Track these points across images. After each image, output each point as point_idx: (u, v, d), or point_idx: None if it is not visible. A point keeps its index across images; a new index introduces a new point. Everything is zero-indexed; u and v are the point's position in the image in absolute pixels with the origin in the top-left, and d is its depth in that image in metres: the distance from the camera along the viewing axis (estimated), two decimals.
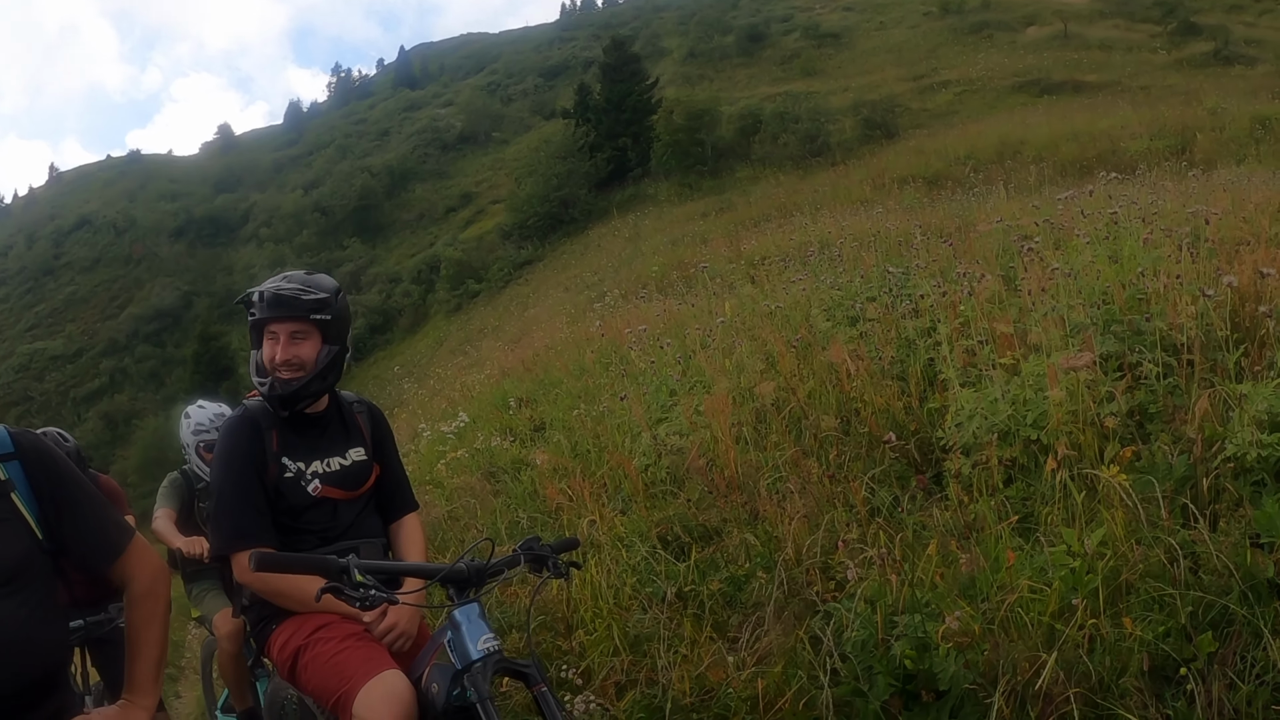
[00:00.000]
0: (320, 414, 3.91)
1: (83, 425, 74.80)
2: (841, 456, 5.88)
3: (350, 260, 76.22)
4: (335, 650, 3.40)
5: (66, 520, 2.77)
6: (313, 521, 3.75)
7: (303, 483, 3.73)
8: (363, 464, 3.93)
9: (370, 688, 3.17)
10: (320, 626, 3.50)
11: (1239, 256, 6.43)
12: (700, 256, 21.72)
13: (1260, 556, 3.45)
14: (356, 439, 3.98)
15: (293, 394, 3.71)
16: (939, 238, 11.39)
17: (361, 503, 3.93)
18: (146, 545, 2.99)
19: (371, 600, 2.88)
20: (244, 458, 3.69)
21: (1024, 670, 3.38)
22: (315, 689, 3.44)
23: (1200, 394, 4.45)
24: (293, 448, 3.77)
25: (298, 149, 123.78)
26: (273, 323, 3.69)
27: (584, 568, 5.30)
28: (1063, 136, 32.57)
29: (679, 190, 49.14)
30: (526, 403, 12.84)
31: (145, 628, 2.94)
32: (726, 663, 4.14)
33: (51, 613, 2.72)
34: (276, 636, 3.63)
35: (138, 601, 2.93)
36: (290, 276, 3.76)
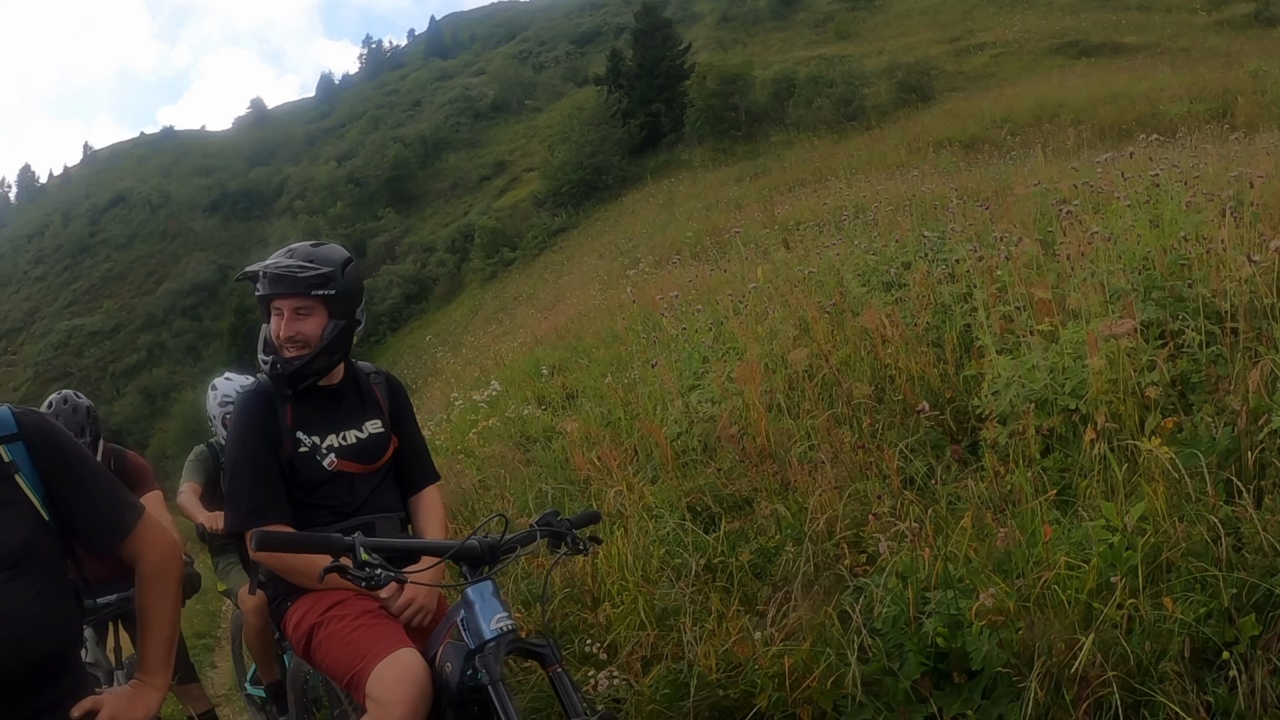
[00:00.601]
0: (335, 386, 3.83)
1: (121, 400, 75.75)
2: (875, 425, 5.77)
3: (385, 230, 76.43)
4: (349, 628, 3.35)
5: (73, 501, 2.72)
6: (328, 496, 3.68)
7: (318, 457, 3.66)
8: (380, 436, 3.85)
9: (384, 666, 3.12)
10: (334, 604, 3.44)
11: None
12: (734, 222, 21.53)
13: None
14: (373, 411, 3.90)
15: (295, 372, 3.64)
16: (975, 202, 11.22)
17: (379, 476, 3.85)
18: (157, 524, 2.94)
19: (376, 580, 2.80)
20: (257, 433, 3.63)
21: (1060, 652, 3.26)
22: (330, 667, 3.39)
23: (1248, 365, 4.30)
24: (308, 421, 3.70)
25: (330, 121, 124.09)
26: (277, 299, 3.61)
27: (611, 540, 5.24)
28: (1101, 99, 32.07)
29: (713, 156, 48.91)
30: (558, 370, 12.81)
31: (156, 607, 2.91)
32: (753, 639, 4.04)
33: (59, 595, 2.68)
34: (291, 614, 3.58)
35: (148, 581, 2.90)
36: (294, 250, 3.65)
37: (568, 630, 5.16)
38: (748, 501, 5.60)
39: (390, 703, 3.04)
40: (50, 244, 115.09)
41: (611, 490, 5.89)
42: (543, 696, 4.36)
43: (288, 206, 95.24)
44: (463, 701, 2.98)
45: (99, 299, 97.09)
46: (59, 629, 2.65)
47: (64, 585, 2.72)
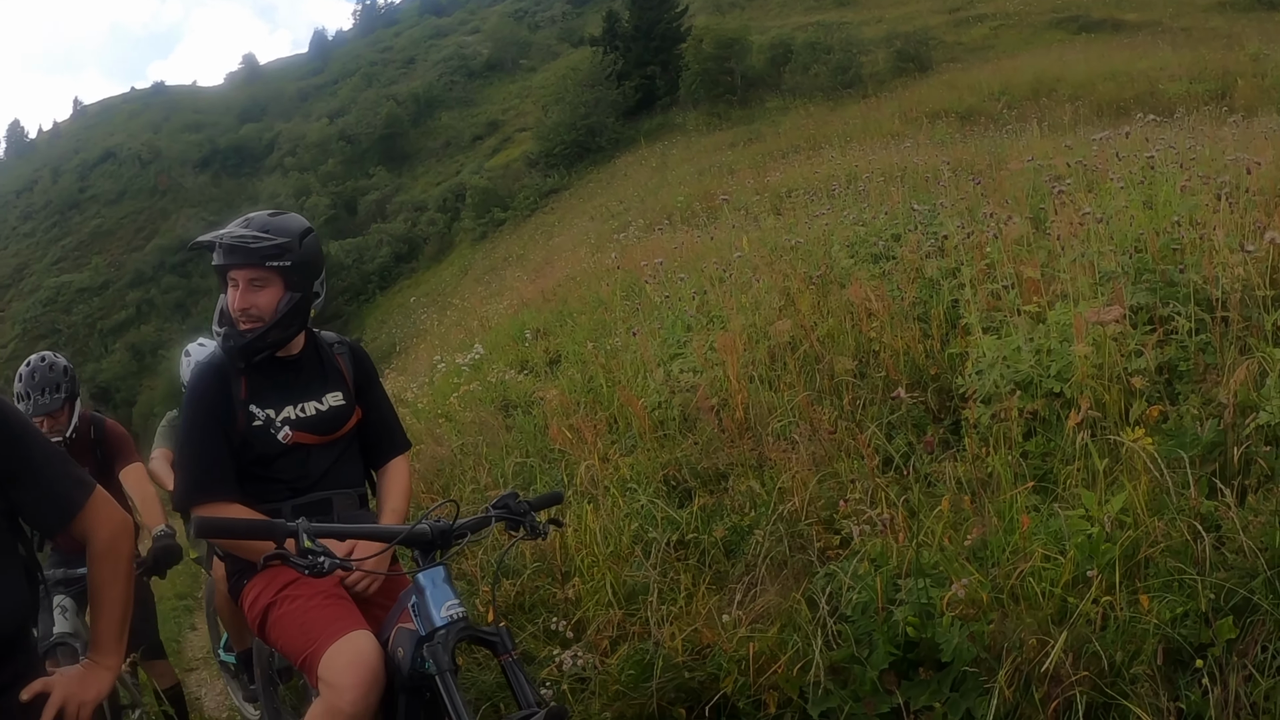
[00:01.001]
0: (294, 357, 3.70)
1: (110, 357, 75.54)
2: (856, 401, 5.68)
3: (376, 188, 75.98)
4: (302, 609, 3.25)
5: (21, 481, 2.64)
6: (284, 470, 3.57)
7: (272, 430, 3.54)
8: (340, 409, 3.73)
9: (336, 649, 3.04)
10: (289, 583, 3.33)
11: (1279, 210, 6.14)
12: (726, 187, 21.42)
13: None
14: (335, 382, 3.77)
15: (248, 345, 3.51)
16: (969, 175, 11.11)
17: (338, 448, 3.73)
18: (107, 500, 2.83)
19: (319, 568, 2.70)
20: (208, 408, 3.52)
21: (1031, 648, 3.18)
22: (284, 647, 3.31)
23: (1236, 358, 4.21)
24: (262, 394, 3.58)
25: (323, 78, 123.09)
26: (232, 269, 3.48)
27: (582, 514, 5.16)
28: (1100, 75, 31.86)
29: (707, 120, 48.64)
30: (543, 334, 12.72)
31: (107, 586, 2.83)
32: (720, 622, 3.96)
33: (6, 576, 2.60)
34: (248, 592, 3.48)
35: (98, 559, 2.81)
36: (251, 220, 3.51)
37: (537, 604, 5.11)
38: (724, 476, 5.52)
39: (342, 687, 2.96)
40: (39, 200, 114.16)
41: (583, 464, 5.78)
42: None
43: (279, 163, 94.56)
44: (415, 688, 2.91)
45: (88, 255, 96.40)
46: (6, 612, 2.57)
47: (12, 566, 2.64)
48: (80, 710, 2.69)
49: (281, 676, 4.65)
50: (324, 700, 3.01)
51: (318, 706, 3.05)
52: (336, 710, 2.96)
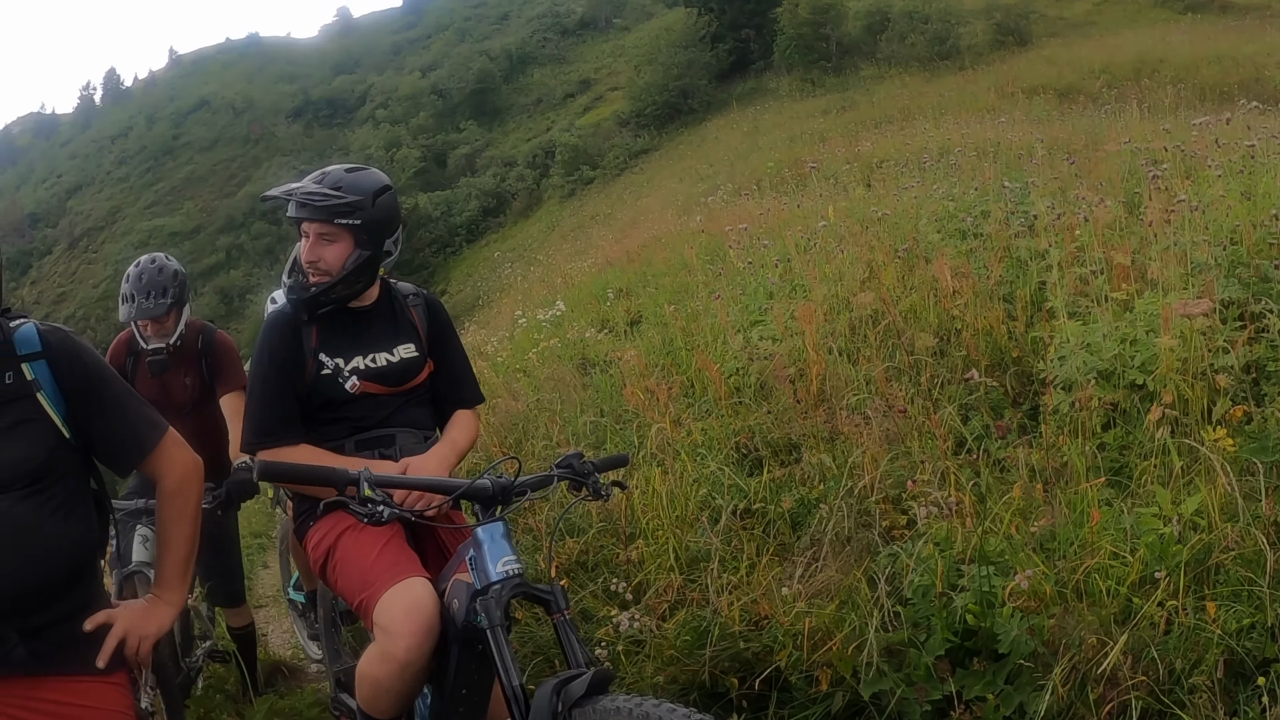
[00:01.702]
0: (367, 308, 3.74)
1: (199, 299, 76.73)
2: (934, 379, 5.60)
3: (466, 143, 76.31)
4: (362, 554, 3.29)
5: (94, 420, 2.74)
6: (350, 413, 3.62)
7: (340, 379, 3.58)
8: (412, 360, 3.75)
9: (392, 595, 3.06)
10: (349, 528, 3.37)
11: None
12: (816, 155, 21.23)
13: None
14: (407, 334, 3.79)
15: (311, 298, 3.56)
16: (1063, 154, 10.87)
17: (404, 396, 3.75)
18: (178, 441, 2.93)
19: (379, 516, 2.74)
20: (276, 357, 3.58)
21: (1090, 647, 3.11)
22: (343, 590, 3.37)
23: None
24: (333, 343, 3.62)
25: (416, 31, 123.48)
26: (304, 221, 3.54)
27: (650, 477, 5.15)
28: (1204, 58, 30.95)
29: (800, 86, 48.10)
30: (625, 294, 12.72)
31: (174, 525, 2.93)
32: (779, 595, 3.95)
33: (77, 510, 2.70)
34: (312, 535, 3.53)
35: (167, 498, 2.92)
36: (327, 175, 3.56)
37: (600, 564, 5.13)
38: (795, 447, 5.49)
39: (397, 634, 2.99)
40: (134, 145, 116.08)
41: (655, 426, 5.78)
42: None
43: (370, 115, 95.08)
44: (468, 640, 2.93)
45: (180, 200, 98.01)
46: (75, 543, 2.67)
47: (84, 500, 2.75)
48: (141, 643, 2.79)
49: (345, 619, 4.72)
50: (379, 645, 3.05)
51: (372, 651, 3.09)
52: (390, 656, 2.99)
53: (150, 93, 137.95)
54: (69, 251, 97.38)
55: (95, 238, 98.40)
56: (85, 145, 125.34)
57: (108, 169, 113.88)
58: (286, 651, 7.35)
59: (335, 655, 4.61)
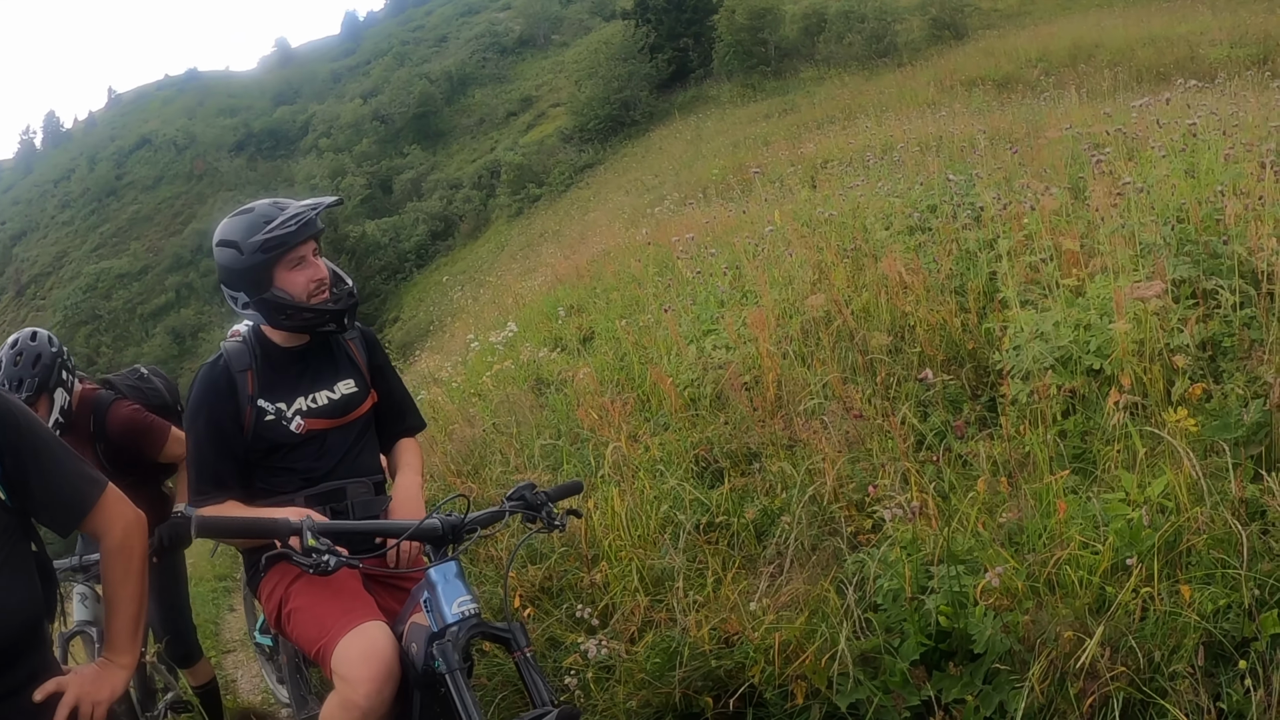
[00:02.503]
0: (302, 348, 3.63)
1: (151, 340, 76.40)
2: (890, 378, 5.56)
3: (411, 167, 76.07)
4: (315, 602, 3.20)
5: (31, 481, 2.63)
6: (298, 460, 3.51)
7: (284, 422, 3.48)
8: (353, 395, 3.66)
9: (348, 641, 2.98)
10: (299, 576, 3.28)
11: None
12: (761, 159, 21.27)
13: None
14: (346, 370, 3.70)
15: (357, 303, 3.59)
16: (1006, 144, 10.92)
17: (354, 431, 3.66)
18: (120, 497, 2.82)
19: (324, 566, 2.65)
20: (210, 412, 3.47)
21: (1067, 641, 3.06)
22: (299, 640, 3.27)
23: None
24: (271, 387, 3.52)
25: (355, 58, 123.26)
26: (299, 247, 3.42)
27: (608, 497, 5.07)
28: (1139, 40, 31.33)
29: (741, 91, 48.32)
30: (576, 311, 12.66)
31: (121, 584, 2.82)
32: (746, 610, 3.88)
33: (18, 576, 2.59)
34: (263, 586, 3.44)
35: (111, 556, 2.80)
36: (280, 202, 3.48)
37: (564, 589, 5.06)
38: (755, 456, 5.43)
39: (356, 680, 2.90)
40: (77, 188, 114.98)
41: (609, 445, 5.69)
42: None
43: (313, 145, 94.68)
44: (430, 684, 2.85)
45: (126, 241, 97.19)
46: (21, 609, 2.57)
47: (24, 563, 2.64)
48: (95, 709, 2.68)
49: (308, 663, 4.62)
50: (338, 694, 2.96)
51: (333, 699, 3.00)
52: (351, 704, 2.91)
53: (91, 133, 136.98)
54: (16, 300, 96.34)
55: (43, 284, 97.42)
56: (27, 190, 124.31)
57: (51, 213, 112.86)
58: (256, 697, 7.24)
59: (302, 702, 4.53)
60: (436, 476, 7.49)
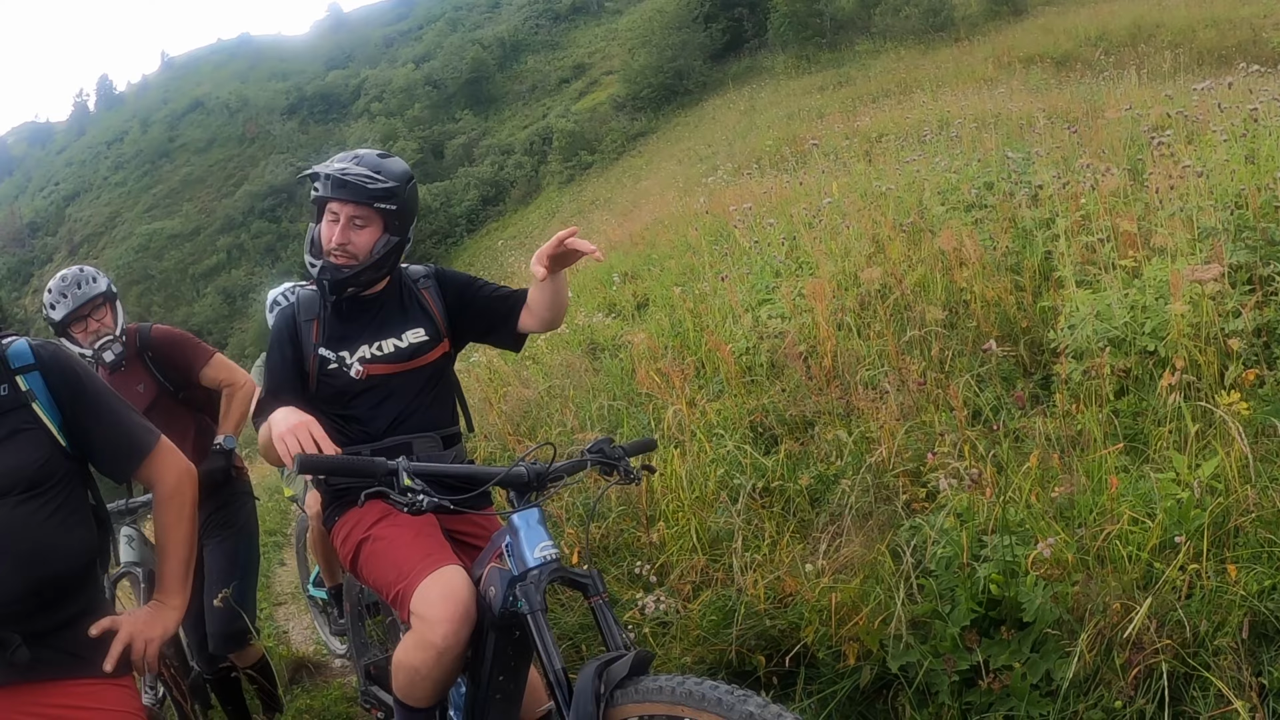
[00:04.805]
0: (375, 296, 3.71)
1: (201, 300, 77.30)
2: (945, 352, 5.62)
3: (462, 133, 76.33)
4: (396, 544, 3.30)
5: (89, 429, 2.85)
6: (360, 408, 3.62)
7: (344, 368, 3.60)
8: (421, 344, 3.71)
9: (429, 583, 3.07)
10: (381, 519, 3.39)
11: None
12: (815, 132, 21.19)
13: None
14: (416, 319, 3.75)
15: (342, 280, 3.55)
16: (1064, 123, 10.87)
17: (422, 378, 3.72)
18: (171, 448, 3.03)
19: (418, 505, 2.77)
20: (280, 355, 3.62)
21: (1114, 613, 3.14)
22: (376, 582, 3.36)
23: None
24: (336, 337, 3.63)
25: (408, 24, 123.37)
26: (335, 202, 3.51)
27: (668, 459, 5.18)
28: (1201, 22, 30.83)
29: (796, 63, 47.99)
30: (630, 278, 12.72)
31: (173, 529, 3.01)
32: (803, 571, 3.98)
33: (75, 516, 2.78)
34: (340, 528, 3.55)
35: (164, 503, 3.00)
36: (361, 158, 3.54)
37: (621, 548, 5.17)
38: (810, 424, 5.51)
39: (435, 620, 3.00)
40: (129, 150, 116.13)
41: (670, 408, 5.80)
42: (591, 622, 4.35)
43: (365, 109, 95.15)
44: (505, 626, 2.95)
45: (178, 203, 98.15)
46: (74, 549, 2.74)
47: (81, 506, 2.83)
48: (147, 646, 2.86)
49: (369, 612, 4.75)
50: (416, 633, 3.05)
51: (409, 640, 3.09)
52: (428, 643, 3.00)
53: (144, 96, 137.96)
54: (69, 258, 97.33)
55: (95, 243, 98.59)
56: (81, 152, 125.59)
57: (104, 174, 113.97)
58: (309, 648, 7.39)
59: (363, 648, 4.63)
60: (493, 436, 7.61)
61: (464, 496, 2.97)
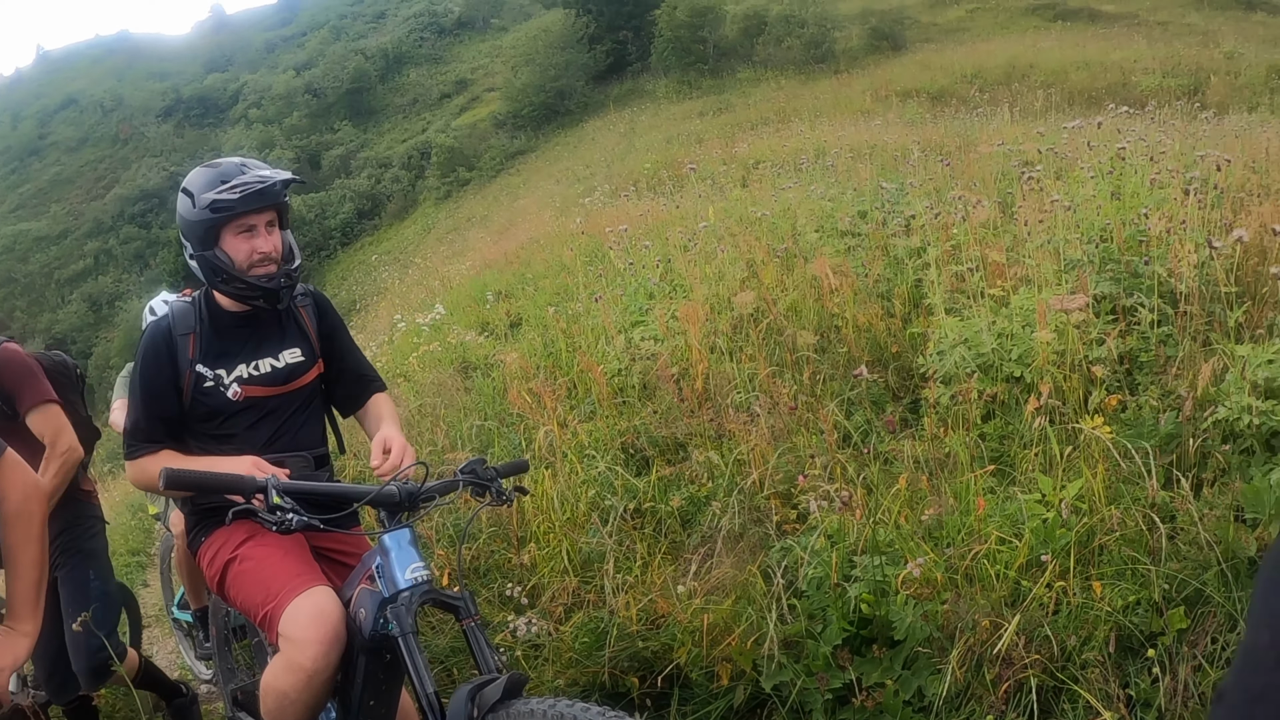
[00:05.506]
0: (251, 312, 3.57)
1: (66, 307, 74.63)
2: (817, 375, 5.69)
3: (340, 144, 75.13)
4: (264, 565, 3.19)
5: None
6: (235, 427, 3.49)
7: (221, 389, 3.46)
8: (297, 364, 3.62)
9: (298, 603, 2.98)
10: (248, 539, 3.27)
11: (1245, 208, 6.17)
12: (694, 156, 21.37)
13: (1243, 533, 3.24)
14: (294, 339, 3.66)
15: (295, 283, 3.49)
16: (938, 156, 11.12)
17: (297, 400, 3.63)
18: (18, 462, 2.80)
19: (287, 524, 2.68)
20: (149, 371, 3.44)
21: (984, 630, 3.21)
22: (244, 604, 3.24)
23: (1197, 349, 4.29)
24: (213, 353, 3.49)
25: (291, 29, 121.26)
26: (249, 215, 3.37)
27: (540, 480, 5.13)
28: (1073, 64, 32.00)
29: (677, 88, 48.38)
30: (504, 297, 12.66)
31: (21, 550, 2.78)
32: (675, 592, 3.96)
33: None
34: (206, 548, 3.41)
35: (10, 522, 2.76)
36: (249, 163, 3.43)
37: (492, 570, 5.09)
38: (682, 446, 5.52)
39: (304, 642, 2.91)
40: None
41: (542, 429, 5.75)
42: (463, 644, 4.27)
43: (243, 115, 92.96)
44: (375, 649, 2.89)
45: (46, 204, 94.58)
46: None
47: None
48: None
49: (236, 635, 4.58)
50: (284, 656, 2.96)
51: (278, 662, 3.00)
52: (297, 666, 2.92)
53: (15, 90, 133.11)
54: None
55: None
56: None
57: None
58: (173, 673, 7.13)
59: (230, 673, 4.47)
60: (364, 455, 7.46)
61: (334, 516, 2.89)
